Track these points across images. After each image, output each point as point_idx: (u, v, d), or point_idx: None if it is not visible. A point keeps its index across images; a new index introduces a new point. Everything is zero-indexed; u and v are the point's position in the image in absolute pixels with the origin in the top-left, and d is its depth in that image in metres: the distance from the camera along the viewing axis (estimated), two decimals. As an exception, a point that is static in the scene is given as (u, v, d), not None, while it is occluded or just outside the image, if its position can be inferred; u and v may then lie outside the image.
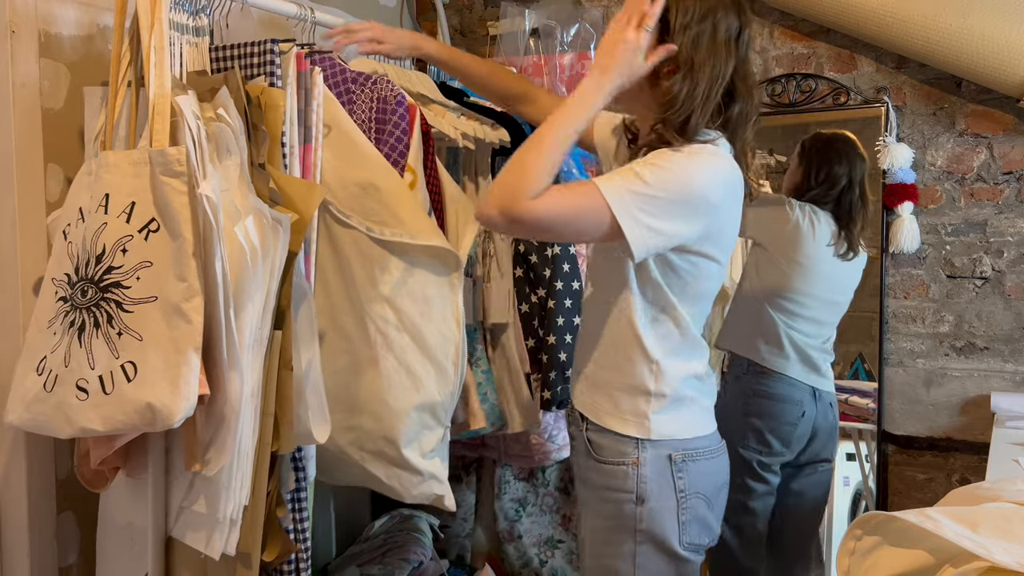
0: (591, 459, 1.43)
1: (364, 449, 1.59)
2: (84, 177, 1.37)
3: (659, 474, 1.37)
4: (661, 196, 1.27)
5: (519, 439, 2.18)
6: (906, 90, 2.20)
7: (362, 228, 1.53)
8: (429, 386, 1.57)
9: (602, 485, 1.40)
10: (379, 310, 1.54)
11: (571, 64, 2.53)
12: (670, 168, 1.29)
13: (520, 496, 2.50)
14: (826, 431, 2.10)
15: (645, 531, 1.37)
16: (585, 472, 1.46)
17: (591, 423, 1.44)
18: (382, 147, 1.56)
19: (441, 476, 1.65)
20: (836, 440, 2.14)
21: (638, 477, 1.37)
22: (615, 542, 1.39)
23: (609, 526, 1.40)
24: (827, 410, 2.09)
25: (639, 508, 1.37)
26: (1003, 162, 2.12)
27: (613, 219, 1.25)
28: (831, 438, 2.12)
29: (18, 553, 1.55)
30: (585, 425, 1.45)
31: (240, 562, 1.37)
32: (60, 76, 1.58)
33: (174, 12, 1.41)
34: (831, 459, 2.14)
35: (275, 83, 1.45)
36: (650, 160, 1.30)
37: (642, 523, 1.37)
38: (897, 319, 2.23)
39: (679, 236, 1.31)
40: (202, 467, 1.30)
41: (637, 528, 1.38)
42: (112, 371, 1.24)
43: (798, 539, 2.18)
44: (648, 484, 1.37)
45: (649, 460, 1.37)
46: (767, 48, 2.35)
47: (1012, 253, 2.12)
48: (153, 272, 1.25)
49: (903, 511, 0.88)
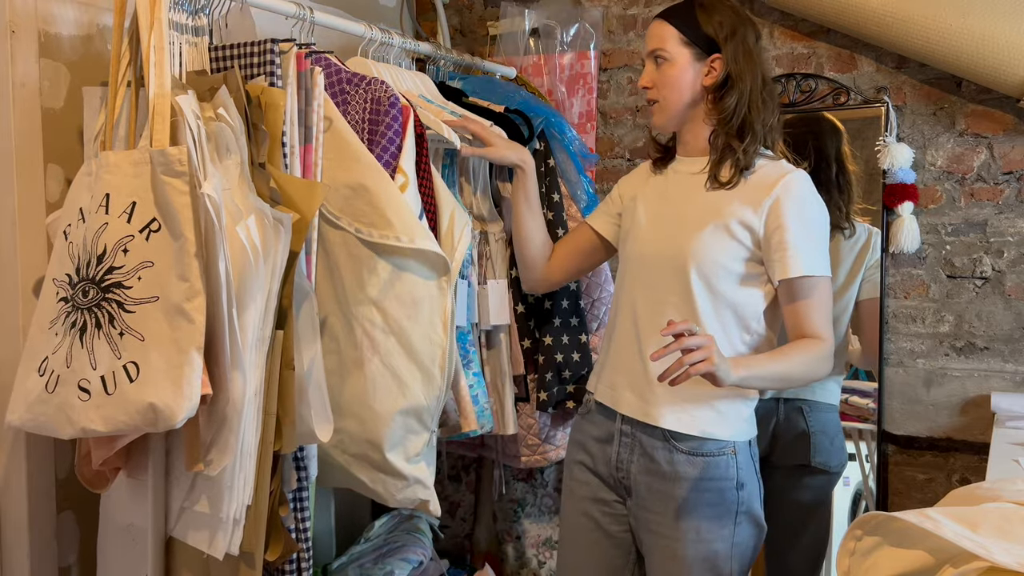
0: (680, 454, 1.55)
1: (348, 452, 1.59)
2: (84, 177, 1.37)
3: (748, 460, 1.57)
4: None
5: (517, 440, 2.18)
6: (906, 90, 2.20)
7: (351, 230, 1.52)
8: (415, 390, 1.56)
9: (701, 476, 1.54)
10: (366, 312, 1.54)
11: (571, 64, 2.53)
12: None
13: (519, 497, 2.51)
14: (792, 436, 2.04)
15: (745, 512, 1.56)
16: (671, 467, 1.55)
17: (680, 433, 1.56)
18: (374, 148, 1.55)
19: (426, 481, 1.63)
20: (817, 447, 2.05)
21: (736, 465, 1.55)
22: (719, 526, 1.54)
23: (712, 513, 1.54)
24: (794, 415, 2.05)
25: (740, 492, 1.55)
26: (1003, 162, 2.12)
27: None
28: (801, 443, 2.05)
29: (18, 553, 1.54)
30: (666, 434, 1.57)
31: (243, 562, 1.37)
32: (60, 76, 1.58)
33: (173, 12, 1.41)
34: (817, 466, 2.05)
35: (275, 83, 1.45)
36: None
37: (743, 505, 1.55)
38: (897, 319, 2.23)
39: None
40: (204, 467, 1.30)
41: (739, 511, 1.55)
42: (114, 371, 1.24)
43: (783, 544, 2.15)
44: (743, 470, 1.56)
45: (740, 448, 1.57)
46: (767, 48, 2.35)
47: (1012, 253, 2.12)
48: (154, 272, 1.25)
49: (903, 511, 0.88)
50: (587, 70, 2.52)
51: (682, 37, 1.55)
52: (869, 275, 2.17)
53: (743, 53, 1.54)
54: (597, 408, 1.67)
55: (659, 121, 1.61)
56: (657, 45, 1.58)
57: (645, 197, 1.69)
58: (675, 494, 1.54)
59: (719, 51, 1.54)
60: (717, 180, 1.54)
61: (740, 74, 1.53)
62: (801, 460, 2.05)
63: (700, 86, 1.56)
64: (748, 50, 1.55)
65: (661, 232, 1.61)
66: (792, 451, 2.05)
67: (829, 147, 2.12)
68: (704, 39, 1.54)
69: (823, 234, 1.53)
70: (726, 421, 1.55)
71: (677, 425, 1.54)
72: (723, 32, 1.54)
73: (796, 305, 1.50)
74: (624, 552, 1.64)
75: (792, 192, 1.50)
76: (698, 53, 1.55)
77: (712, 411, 1.55)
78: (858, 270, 2.14)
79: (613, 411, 1.62)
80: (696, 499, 1.53)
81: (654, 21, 1.61)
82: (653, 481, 1.56)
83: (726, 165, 1.55)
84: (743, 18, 1.58)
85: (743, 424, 1.58)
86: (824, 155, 2.10)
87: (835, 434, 2.10)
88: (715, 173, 1.55)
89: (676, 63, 1.55)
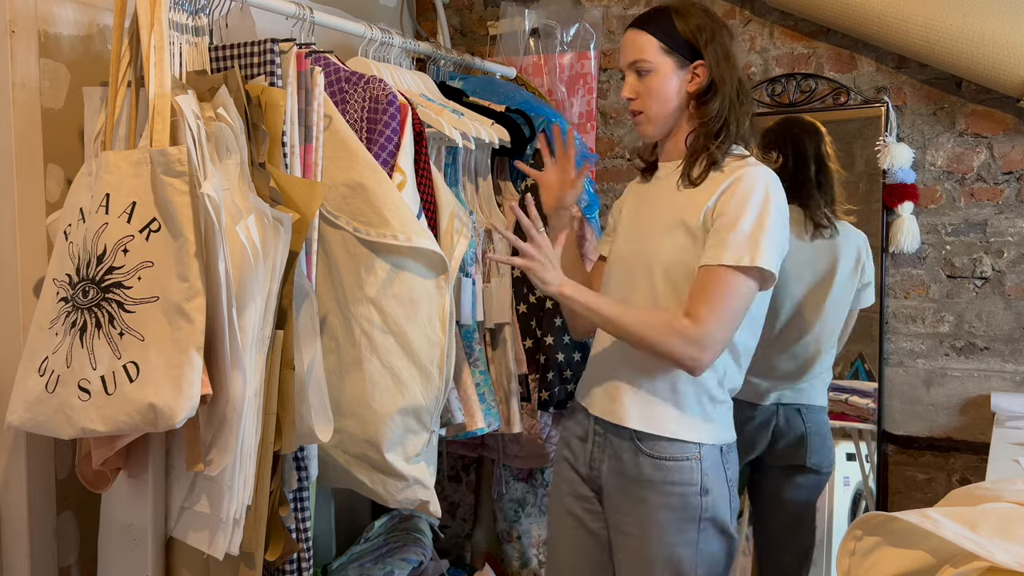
0: (645, 457, 1.54)
1: (348, 452, 1.58)
2: (84, 177, 1.37)
3: (714, 466, 1.54)
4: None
5: (518, 440, 2.18)
6: (906, 90, 2.20)
7: (349, 228, 1.52)
8: (414, 390, 1.56)
9: (664, 480, 1.52)
10: (364, 311, 1.53)
11: (571, 64, 2.53)
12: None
13: (519, 497, 2.51)
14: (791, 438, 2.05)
15: (709, 518, 1.53)
16: (637, 470, 1.54)
17: (645, 434, 1.54)
18: (372, 147, 1.55)
19: (426, 481, 1.63)
20: (812, 448, 2.05)
21: (701, 471, 1.52)
22: (681, 531, 1.53)
23: (675, 517, 1.53)
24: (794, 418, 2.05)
25: (704, 498, 1.53)
26: (1003, 162, 2.12)
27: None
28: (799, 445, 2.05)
29: (18, 553, 1.55)
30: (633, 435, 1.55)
31: (243, 562, 1.37)
32: (60, 76, 1.58)
33: (173, 12, 1.42)
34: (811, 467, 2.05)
35: (275, 83, 1.45)
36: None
37: (707, 511, 1.53)
38: (897, 319, 2.23)
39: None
40: (204, 467, 1.30)
41: (702, 516, 1.53)
42: (114, 371, 1.24)
43: (774, 544, 2.15)
44: (708, 476, 1.53)
45: (706, 454, 1.54)
46: (767, 48, 2.35)
47: (1012, 253, 2.12)
48: (154, 272, 1.25)
49: (903, 511, 0.88)
50: (587, 70, 2.52)
51: (662, 46, 1.53)
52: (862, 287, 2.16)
53: (723, 56, 1.54)
54: (579, 407, 1.68)
55: (647, 131, 1.60)
56: (638, 56, 1.55)
57: (625, 208, 1.71)
58: (640, 496, 1.54)
59: (700, 57, 1.54)
60: (688, 179, 1.55)
61: (723, 78, 1.53)
62: (797, 461, 2.05)
63: (684, 93, 1.56)
64: (727, 53, 1.55)
65: (636, 234, 1.62)
66: (789, 452, 2.06)
67: (808, 147, 2.12)
68: (685, 46, 1.53)
69: (765, 225, 1.45)
70: (689, 422, 1.53)
71: (641, 424, 1.54)
72: (703, 37, 1.53)
73: (697, 282, 1.47)
74: (605, 548, 1.65)
75: (742, 182, 1.47)
76: (680, 60, 1.54)
77: (676, 410, 1.53)
78: (836, 271, 2.09)
79: (587, 411, 1.63)
80: (659, 502, 1.53)
81: (629, 30, 1.58)
82: (621, 482, 1.57)
83: (697, 163, 1.55)
84: (717, 21, 1.57)
85: (709, 426, 1.55)
86: (802, 155, 2.11)
87: (827, 435, 2.10)
88: (687, 172, 1.55)
89: (659, 72, 1.54)
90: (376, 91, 1.57)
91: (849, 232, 2.12)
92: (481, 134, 1.89)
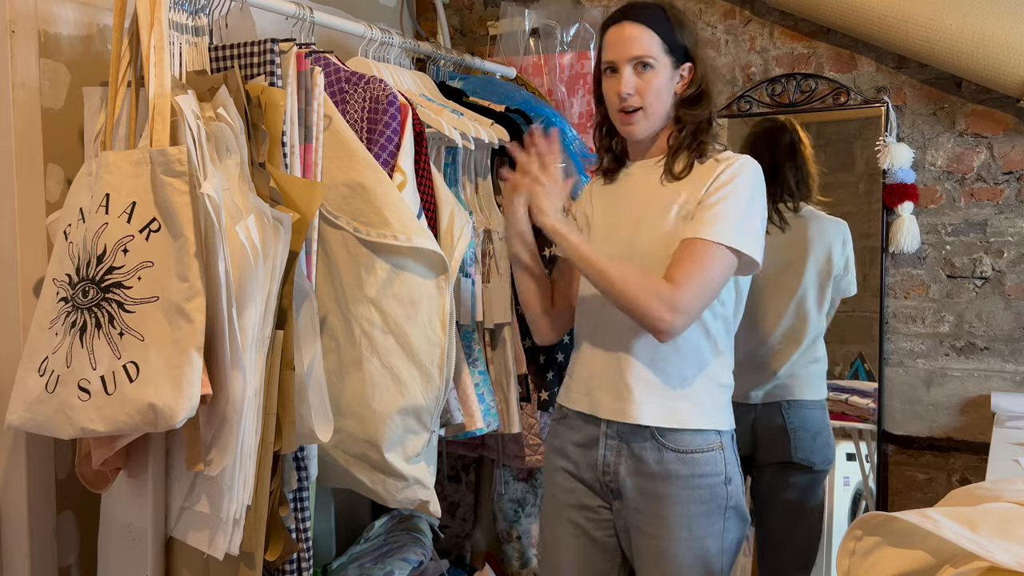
0: (670, 452, 1.54)
1: (348, 452, 1.58)
2: (84, 177, 1.37)
3: (733, 454, 1.58)
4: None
5: (517, 440, 2.18)
6: (906, 90, 2.20)
7: (350, 228, 1.52)
8: (414, 390, 1.56)
9: (692, 474, 1.53)
10: (364, 311, 1.53)
11: (571, 64, 2.53)
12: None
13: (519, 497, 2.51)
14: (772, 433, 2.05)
15: (733, 507, 1.56)
16: (661, 467, 1.54)
17: (666, 429, 1.54)
18: (372, 147, 1.55)
19: (426, 481, 1.63)
20: (798, 443, 2.05)
21: (724, 460, 1.55)
22: (710, 522, 1.54)
23: (703, 510, 1.54)
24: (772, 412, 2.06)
25: (728, 487, 1.55)
26: (1003, 162, 2.12)
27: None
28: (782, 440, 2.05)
29: (18, 553, 1.55)
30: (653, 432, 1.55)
31: (243, 562, 1.37)
32: (60, 76, 1.58)
33: (173, 12, 1.42)
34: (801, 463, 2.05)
35: (275, 83, 1.45)
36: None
37: (731, 499, 1.55)
38: (897, 319, 2.23)
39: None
40: (204, 467, 1.30)
41: (727, 506, 1.55)
42: (114, 371, 1.24)
43: (773, 542, 2.15)
44: (730, 465, 1.56)
45: (727, 443, 1.57)
46: (767, 48, 2.35)
47: (1012, 253, 2.12)
48: (154, 272, 1.25)
49: (903, 511, 0.88)
50: (587, 70, 2.52)
51: (664, 45, 1.54)
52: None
53: (709, 61, 1.62)
54: (575, 414, 1.65)
55: (641, 129, 1.58)
56: (643, 52, 1.53)
57: (596, 209, 1.68)
58: (665, 493, 1.54)
59: (690, 60, 1.57)
60: (671, 173, 1.56)
61: (711, 81, 1.59)
62: (783, 457, 2.05)
63: (674, 94, 1.58)
64: (709, 58, 1.63)
65: (619, 234, 1.60)
66: (773, 448, 2.06)
67: (782, 141, 2.15)
68: (679, 48, 1.56)
69: (749, 209, 1.50)
70: (704, 410, 1.55)
71: (659, 420, 1.53)
72: (692, 40, 1.59)
73: (679, 252, 1.48)
74: (609, 557, 1.64)
75: (731, 167, 1.52)
76: (674, 61, 1.56)
77: (687, 402, 1.54)
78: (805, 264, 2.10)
79: (594, 416, 1.61)
80: (687, 496, 1.53)
81: (626, 24, 1.55)
82: (642, 482, 1.55)
83: (680, 157, 1.57)
84: (687, 19, 1.63)
85: (722, 412, 1.58)
86: (777, 151, 2.14)
87: (818, 431, 2.07)
88: (670, 167, 1.56)
89: (660, 71, 1.54)
90: (376, 91, 1.57)
91: (823, 222, 2.13)
92: (481, 134, 1.89)
